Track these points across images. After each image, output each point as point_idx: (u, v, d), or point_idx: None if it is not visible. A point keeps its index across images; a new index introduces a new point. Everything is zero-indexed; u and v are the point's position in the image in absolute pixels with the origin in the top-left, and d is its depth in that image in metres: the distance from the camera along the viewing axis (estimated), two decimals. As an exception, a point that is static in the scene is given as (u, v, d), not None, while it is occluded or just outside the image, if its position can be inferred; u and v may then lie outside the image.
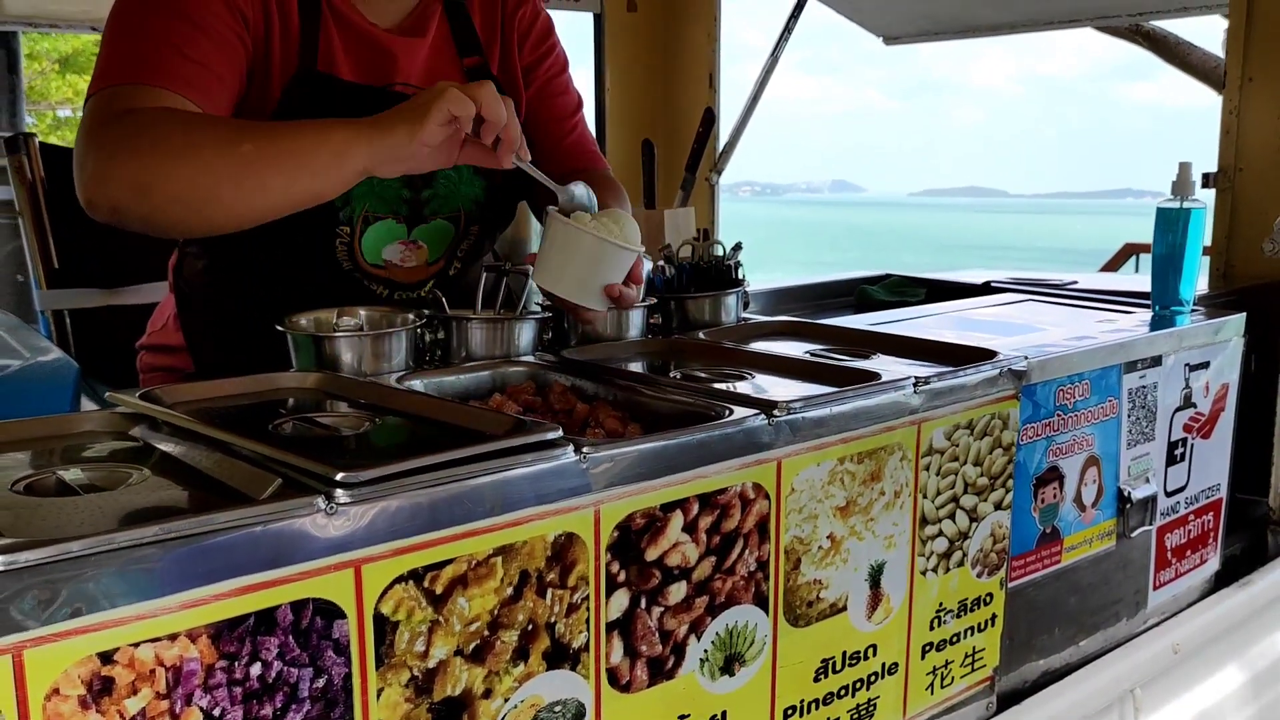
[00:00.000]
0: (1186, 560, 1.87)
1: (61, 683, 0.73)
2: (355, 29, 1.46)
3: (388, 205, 1.49)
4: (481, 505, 0.94)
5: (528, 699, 1.00)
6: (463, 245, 1.60)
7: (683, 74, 3.26)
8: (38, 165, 2.05)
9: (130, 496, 0.91)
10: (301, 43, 1.41)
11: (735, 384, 1.35)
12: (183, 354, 1.61)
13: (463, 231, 1.58)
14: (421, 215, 1.53)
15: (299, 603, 0.84)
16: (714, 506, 1.12)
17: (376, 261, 1.52)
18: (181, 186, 1.20)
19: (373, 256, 1.52)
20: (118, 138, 1.21)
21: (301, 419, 1.10)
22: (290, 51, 1.41)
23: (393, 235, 1.52)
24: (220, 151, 1.20)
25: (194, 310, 1.60)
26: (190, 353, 1.60)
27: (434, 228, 1.55)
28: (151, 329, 1.68)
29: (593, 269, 1.32)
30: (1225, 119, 2.34)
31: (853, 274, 2.37)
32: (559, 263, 1.32)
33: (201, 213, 1.23)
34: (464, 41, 1.57)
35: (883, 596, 1.32)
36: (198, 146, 1.20)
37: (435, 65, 1.54)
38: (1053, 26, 3.52)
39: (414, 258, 1.55)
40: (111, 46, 1.32)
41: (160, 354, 1.65)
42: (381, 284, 1.55)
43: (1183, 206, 1.87)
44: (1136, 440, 1.70)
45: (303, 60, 1.41)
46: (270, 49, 1.40)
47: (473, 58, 1.57)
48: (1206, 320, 1.85)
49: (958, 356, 1.44)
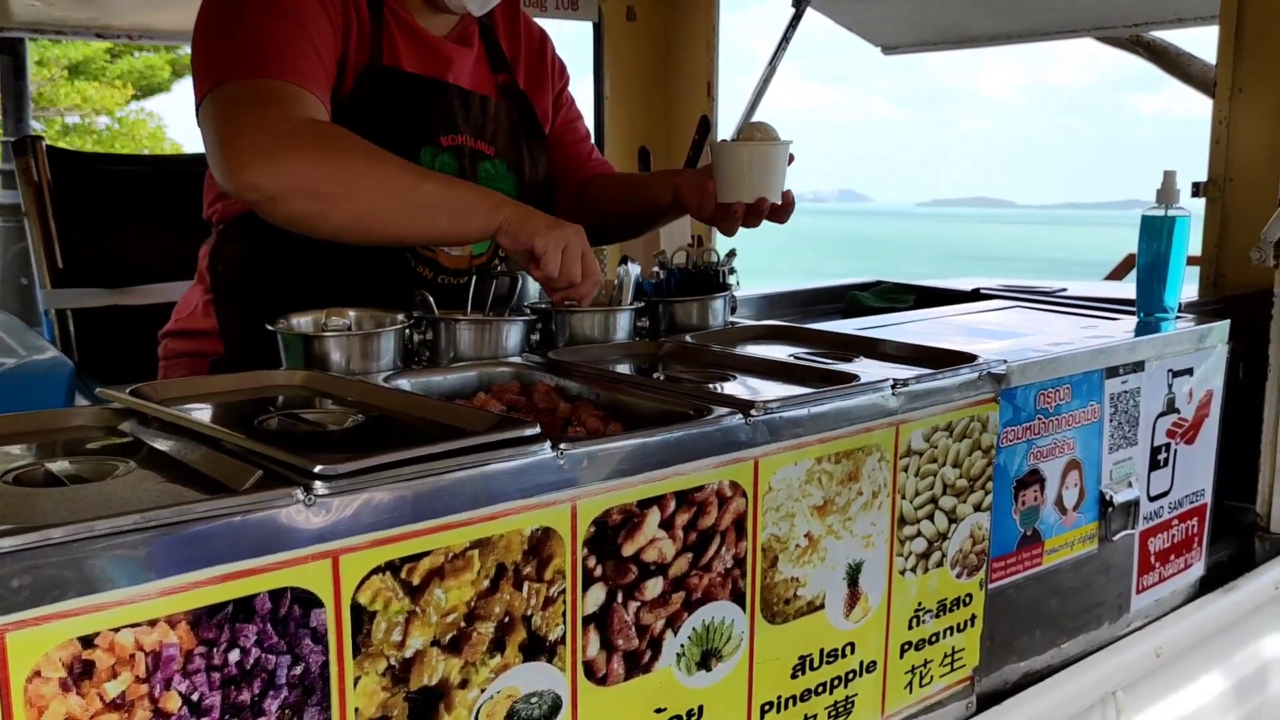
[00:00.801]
0: (1170, 565, 1.88)
1: (43, 665, 0.76)
2: (415, 32, 1.62)
3: None
4: (459, 499, 0.97)
5: (504, 690, 1.02)
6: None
7: (681, 83, 3.29)
8: (44, 168, 2.08)
9: (115, 488, 0.94)
10: (371, 41, 1.56)
11: (718, 385, 1.38)
12: (211, 339, 1.65)
13: None
14: None
15: (277, 591, 0.86)
16: (691, 504, 1.14)
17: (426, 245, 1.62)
18: (365, 206, 1.36)
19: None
20: (292, 140, 1.32)
21: (287, 415, 1.13)
22: (363, 49, 1.55)
23: None
24: (406, 185, 1.38)
25: (230, 294, 1.63)
26: (222, 337, 1.64)
27: None
28: (178, 316, 1.72)
29: (762, 169, 1.56)
30: (1215, 129, 2.36)
31: (843, 280, 2.39)
32: (735, 179, 1.57)
33: (369, 229, 1.39)
34: (495, 59, 1.74)
35: (860, 595, 1.34)
36: (385, 177, 1.36)
37: (478, 76, 1.71)
38: (1050, 37, 3.55)
39: (459, 247, 1.65)
40: (230, 42, 1.42)
41: (187, 339, 1.69)
42: (428, 266, 1.63)
43: (1167, 214, 1.88)
44: (1119, 445, 1.71)
45: (372, 56, 1.55)
46: (349, 47, 1.53)
47: (503, 74, 1.75)
48: (1191, 327, 1.86)
49: (938, 360, 1.46)
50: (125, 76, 12.40)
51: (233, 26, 1.43)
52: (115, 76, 12.38)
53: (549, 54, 1.84)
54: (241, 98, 1.36)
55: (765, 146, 1.56)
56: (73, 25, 2.97)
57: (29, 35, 3.69)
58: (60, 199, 2.09)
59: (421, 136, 1.59)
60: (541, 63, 1.82)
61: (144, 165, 2.37)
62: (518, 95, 1.76)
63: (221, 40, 1.43)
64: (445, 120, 1.62)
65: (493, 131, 1.68)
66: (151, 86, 13.01)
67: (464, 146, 1.64)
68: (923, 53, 3.72)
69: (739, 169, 1.57)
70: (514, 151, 1.72)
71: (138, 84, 12.63)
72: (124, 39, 2.89)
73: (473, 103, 1.66)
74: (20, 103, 3.71)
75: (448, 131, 1.62)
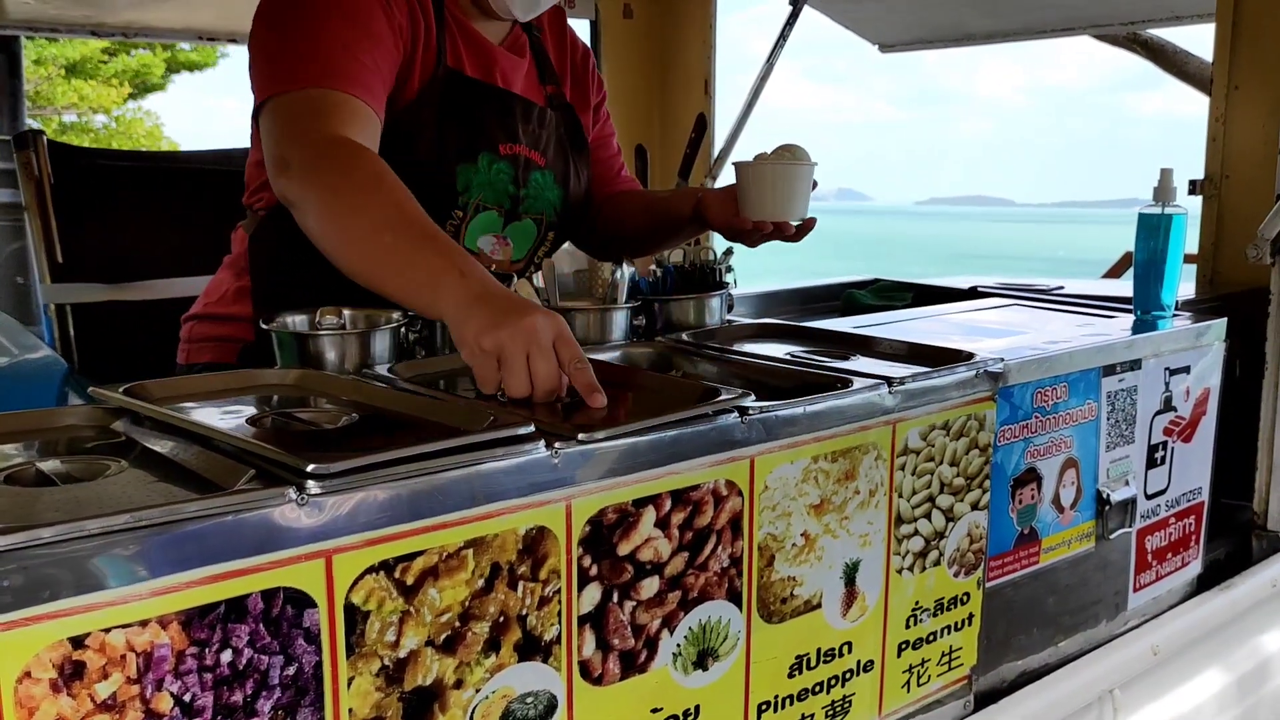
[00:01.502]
0: (1167, 563, 1.88)
1: (33, 666, 0.75)
2: (475, 39, 1.65)
3: (496, 197, 1.64)
4: (453, 498, 0.96)
5: (499, 690, 1.02)
6: (540, 249, 1.74)
7: (678, 80, 3.28)
8: (45, 162, 2.08)
9: (107, 487, 0.93)
10: (438, 43, 1.57)
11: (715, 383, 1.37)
12: (241, 324, 1.65)
13: (542, 235, 1.74)
14: (517, 212, 1.68)
15: (269, 591, 0.86)
16: (686, 503, 1.13)
17: (472, 248, 1.64)
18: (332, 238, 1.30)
19: (470, 243, 1.64)
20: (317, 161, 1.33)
21: (281, 414, 1.12)
22: (430, 51, 1.57)
23: (491, 227, 1.66)
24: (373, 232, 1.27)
25: (270, 281, 1.62)
26: (255, 323, 1.62)
27: (523, 227, 1.70)
28: (206, 300, 1.72)
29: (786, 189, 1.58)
30: (1212, 126, 2.36)
31: (841, 279, 2.39)
32: (756, 196, 1.60)
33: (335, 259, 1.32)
34: (544, 70, 1.76)
35: (858, 594, 1.34)
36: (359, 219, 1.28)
37: (529, 85, 1.73)
38: (1047, 35, 3.54)
39: (501, 252, 1.68)
40: (291, 47, 1.43)
41: (215, 324, 1.69)
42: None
43: (1164, 212, 1.88)
44: (1116, 443, 1.71)
45: (439, 58, 1.57)
46: (415, 51, 1.55)
47: (551, 85, 1.76)
48: (1188, 325, 1.86)
49: (935, 358, 1.45)
50: (121, 75, 12.38)
51: (292, 28, 1.44)
52: (111, 75, 12.37)
53: (591, 68, 1.86)
54: (292, 110, 1.39)
55: (791, 167, 1.58)
56: (67, 23, 2.96)
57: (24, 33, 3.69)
58: (60, 194, 2.08)
59: (482, 143, 1.61)
60: (585, 76, 1.85)
61: (145, 161, 2.37)
62: (565, 107, 1.78)
63: (281, 43, 1.45)
64: (506, 129, 1.64)
65: (545, 142, 1.71)
66: (147, 85, 13.00)
67: (520, 156, 1.66)
68: (920, 51, 3.71)
69: (762, 188, 1.60)
70: (561, 163, 1.74)
71: (133, 82, 12.61)
72: (119, 37, 2.88)
73: (531, 112, 1.68)
74: (15, 100, 3.70)
75: (507, 140, 1.64)
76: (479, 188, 1.61)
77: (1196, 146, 2.40)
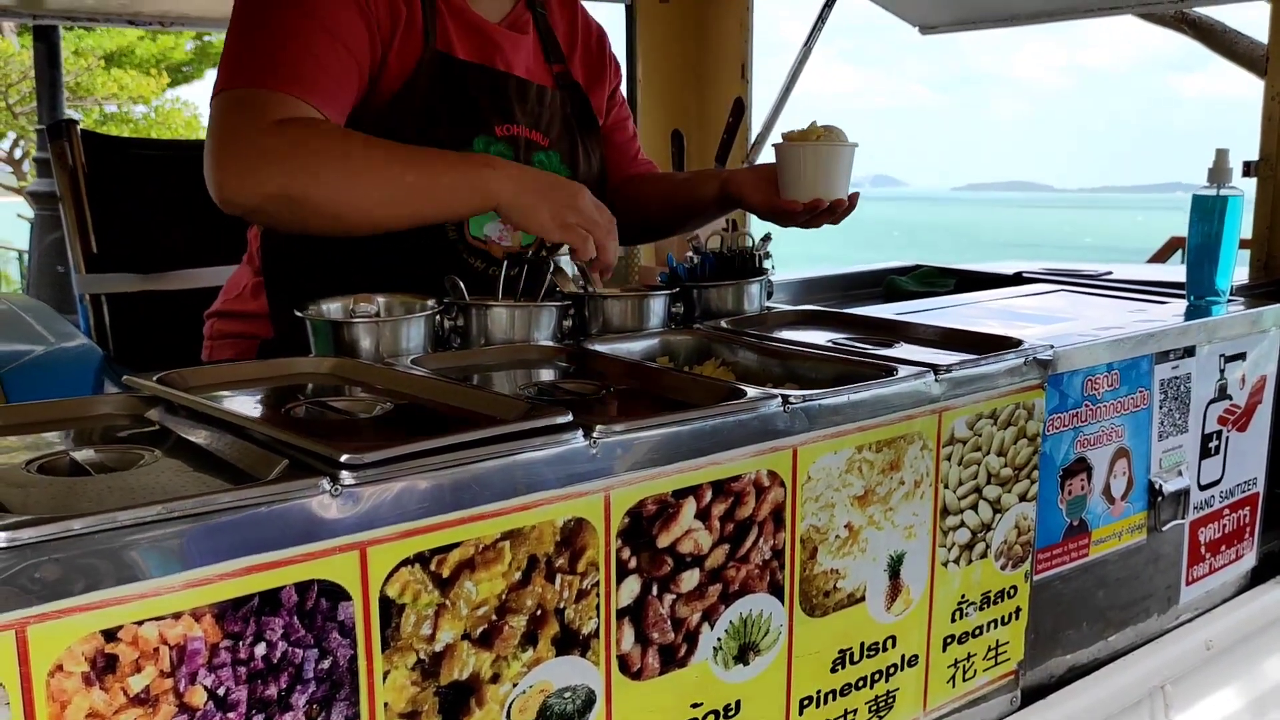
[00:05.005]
0: (1221, 556, 1.83)
1: (65, 659, 0.74)
2: (467, 19, 1.60)
3: None
4: (489, 489, 0.94)
5: (537, 684, 1.00)
6: None
7: (715, 65, 3.24)
8: (79, 152, 2.08)
9: (140, 477, 0.92)
10: (425, 28, 1.53)
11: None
12: (260, 321, 1.64)
13: None
14: None
15: (304, 584, 0.84)
16: (728, 494, 1.11)
17: (478, 235, 1.62)
18: (340, 205, 1.31)
19: (476, 229, 1.61)
20: (267, 150, 1.29)
21: (315, 403, 1.11)
22: (413, 37, 1.52)
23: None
24: (383, 178, 1.32)
25: (282, 276, 1.61)
26: (272, 319, 1.63)
27: None
28: (225, 297, 1.71)
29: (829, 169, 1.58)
30: (1267, 105, 2.29)
31: (882, 265, 2.34)
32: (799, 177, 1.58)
33: (349, 225, 1.35)
34: (550, 48, 1.72)
35: (902, 587, 1.31)
36: (358, 173, 1.31)
37: (533, 64, 1.68)
38: (1093, 14, 3.46)
39: (510, 237, 1.64)
40: (245, 43, 1.40)
41: (234, 320, 1.68)
42: (479, 257, 1.62)
43: (1219, 194, 1.82)
44: (1168, 432, 1.66)
45: (426, 43, 1.52)
46: (394, 42, 1.50)
47: (558, 64, 1.73)
48: (1243, 310, 1.80)
49: (982, 345, 1.41)
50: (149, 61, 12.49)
51: (254, 25, 1.41)
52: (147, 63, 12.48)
53: (607, 50, 1.83)
54: (234, 106, 1.35)
55: (835, 148, 1.58)
56: (105, 12, 2.98)
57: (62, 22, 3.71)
58: (95, 184, 2.09)
59: (477, 125, 1.58)
60: (601, 58, 1.81)
61: (179, 150, 2.36)
62: (573, 86, 1.74)
63: (240, 36, 1.41)
64: (501, 109, 1.61)
65: (548, 122, 1.67)
66: (185, 74, 13.12)
67: (519, 136, 1.63)
68: (961, 32, 3.64)
69: (805, 168, 1.59)
70: (568, 143, 1.70)
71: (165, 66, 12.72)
72: (155, 25, 2.89)
73: (529, 92, 1.64)
74: (55, 90, 3.72)
75: (503, 121, 1.61)
76: None
77: (1243, 128, 2.32)
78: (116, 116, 12.85)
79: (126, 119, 12.90)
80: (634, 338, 1.47)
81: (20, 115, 11.74)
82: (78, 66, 11.61)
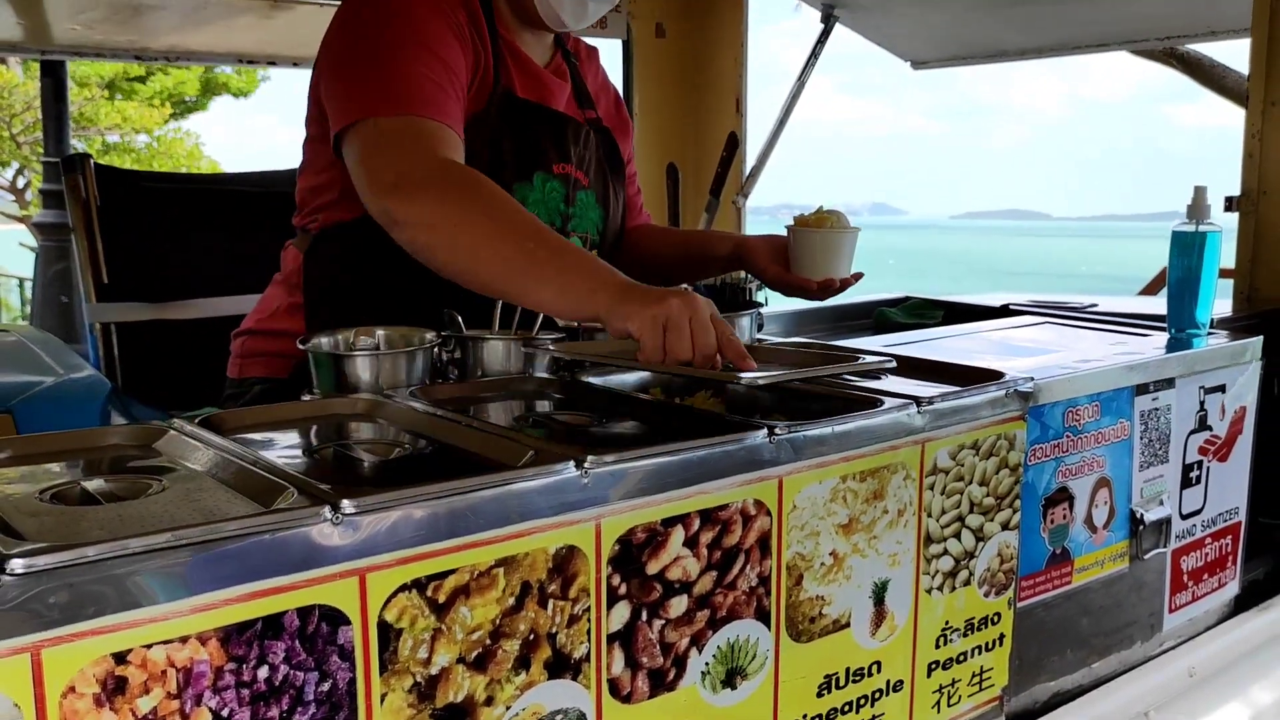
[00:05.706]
0: (1204, 584, 1.86)
1: (77, 681, 0.78)
2: (524, 61, 1.70)
3: (549, 215, 1.68)
4: (484, 517, 0.98)
5: (529, 707, 1.03)
6: None
7: (710, 99, 3.30)
8: (92, 184, 2.13)
9: (149, 506, 0.96)
10: (495, 65, 1.63)
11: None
12: (294, 340, 1.67)
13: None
14: (566, 231, 1.71)
15: (305, 609, 0.88)
16: (715, 522, 1.14)
17: None
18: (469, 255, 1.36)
19: None
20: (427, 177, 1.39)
21: (340, 445, 1.15)
22: (487, 72, 1.62)
23: None
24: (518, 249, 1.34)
25: (325, 298, 1.66)
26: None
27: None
28: (258, 316, 1.76)
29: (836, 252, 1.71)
30: (1248, 142, 2.34)
31: (871, 296, 2.39)
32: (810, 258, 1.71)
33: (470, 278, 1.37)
34: (582, 95, 1.82)
35: (887, 614, 1.34)
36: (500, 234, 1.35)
37: (570, 108, 1.77)
38: (1082, 50, 3.52)
39: None
40: (372, 74, 1.48)
41: (265, 339, 1.72)
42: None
43: (1198, 230, 1.87)
44: (1149, 462, 1.70)
45: (496, 81, 1.63)
46: (478, 69, 1.60)
47: (590, 111, 1.82)
48: (1224, 343, 1.85)
49: (965, 377, 1.45)
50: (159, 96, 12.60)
51: (371, 57, 1.49)
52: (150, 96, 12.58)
53: (624, 110, 1.94)
54: (389, 134, 1.44)
55: (843, 234, 1.71)
56: (111, 47, 3.03)
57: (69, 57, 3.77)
58: (106, 215, 2.14)
59: (538, 162, 1.66)
60: (620, 114, 1.92)
61: (189, 184, 2.41)
62: (604, 131, 1.82)
63: (365, 71, 1.49)
64: (559, 148, 1.69)
65: (588, 163, 1.75)
66: (188, 105, 13.21)
67: (570, 175, 1.71)
68: (952, 67, 3.71)
69: (815, 251, 1.72)
70: (601, 184, 1.79)
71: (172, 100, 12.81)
72: (161, 60, 2.94)
73: (579, 133, 1.73)
74: (61, 124, 3.79)
75: (560, 159, 1.69)
76: (534, 206, 1.65)
77: (1236, 158, 2.37)
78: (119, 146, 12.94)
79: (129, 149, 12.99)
80: (626, 370, 1.51)
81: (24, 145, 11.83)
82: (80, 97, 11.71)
